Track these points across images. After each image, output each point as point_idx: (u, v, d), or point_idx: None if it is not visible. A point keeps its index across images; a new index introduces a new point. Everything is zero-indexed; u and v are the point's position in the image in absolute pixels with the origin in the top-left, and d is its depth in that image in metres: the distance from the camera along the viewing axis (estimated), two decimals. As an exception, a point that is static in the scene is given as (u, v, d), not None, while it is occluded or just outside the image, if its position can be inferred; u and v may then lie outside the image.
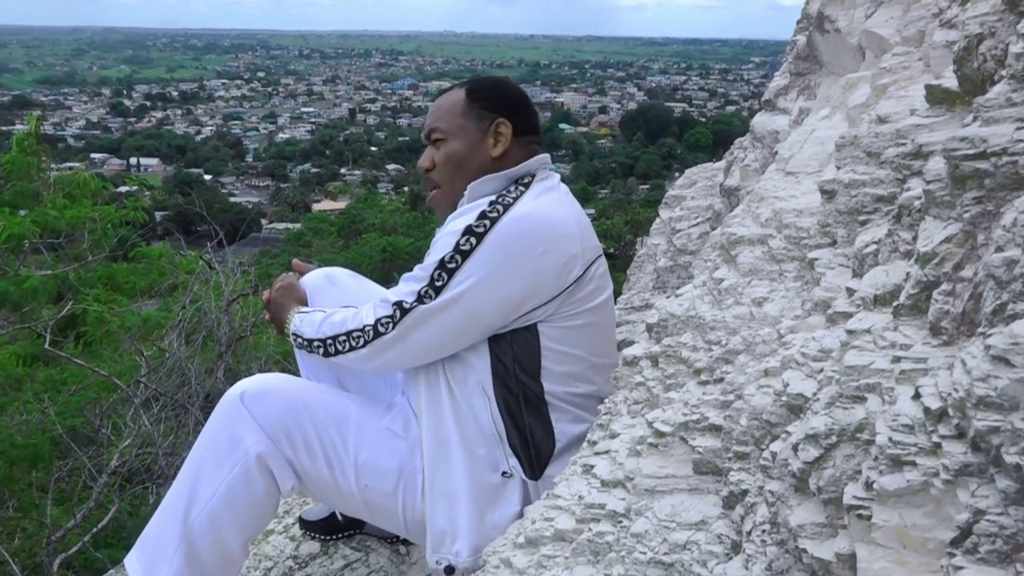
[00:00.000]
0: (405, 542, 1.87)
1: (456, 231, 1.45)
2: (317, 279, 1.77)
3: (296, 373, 1.80)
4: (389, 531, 1.75)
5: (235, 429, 1.52)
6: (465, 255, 1.43)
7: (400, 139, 63.93)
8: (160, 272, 8.60)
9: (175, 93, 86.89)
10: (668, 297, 2.00)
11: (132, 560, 1.55)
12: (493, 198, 1.49)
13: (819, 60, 1.65)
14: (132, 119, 72.73)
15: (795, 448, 0.84)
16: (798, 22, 1.97)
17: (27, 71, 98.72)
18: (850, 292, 0.97)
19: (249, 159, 62.35)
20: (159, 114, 76.06)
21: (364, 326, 1.50)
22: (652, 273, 2.15)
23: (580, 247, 1.49)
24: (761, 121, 1.75)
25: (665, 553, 1.04)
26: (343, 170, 56.14)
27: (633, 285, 2.21)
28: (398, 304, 1.47)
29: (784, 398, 0.94)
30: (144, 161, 54.49)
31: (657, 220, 2.27)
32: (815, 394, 0.88)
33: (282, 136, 67.94)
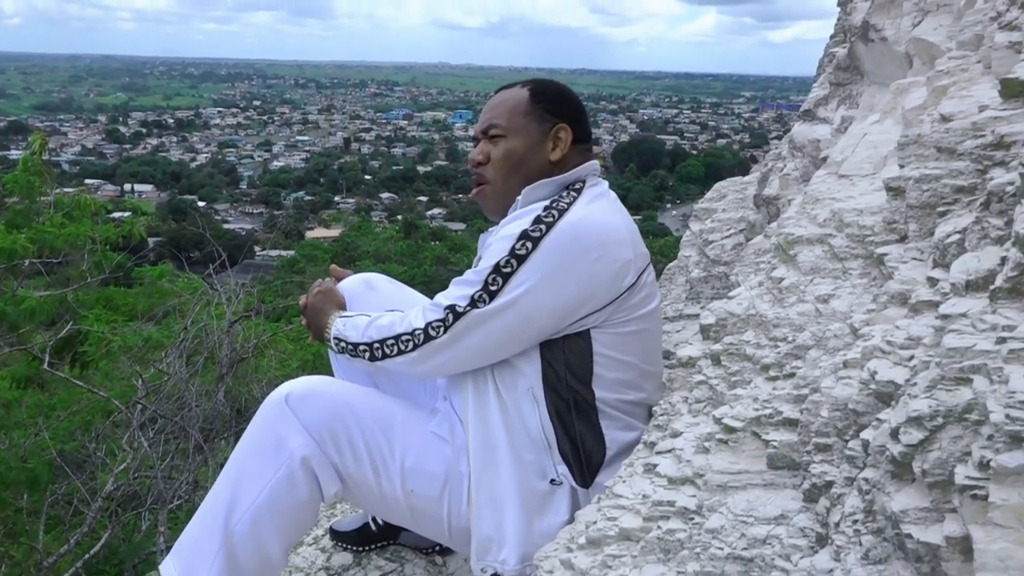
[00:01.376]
0: (442, 552, 1.83)
1: (511, 235, 1.44)
2: (355, 284, 1.76)
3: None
4: (431, 538, 1.72)
5: (280, 431, 1.49)
6: (521, 260, 1.42)
7: (394, 168, 64.24)
8: (160, 294, 8.55)
9: (171, 120, 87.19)
10: (710, 302, 1.99)
11: (168, 567, 1.51)
12: (547, 203, 1.48)
13: (860, 70, 1.66)
14: (127, 146, 72.87)
15: (895, 433, 0.83)
16: (832, 36, 2.00)
17: (24, 97, 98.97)
18: (932, 282, 0.97)
19: (243, 186, 62.46)
20: (154, 141, 76.22)
21: (414, 330, 1.49)
22: (684, 284, 2.15)
23: (632, 253, 1.49)
24: (801, 131, 1.76)
25: (744, 548, 1.02)
26: (337, 198, 56.27)
27: (664, 296, 2.21)
28: (451, 308, 1.45)
29: (872, 387, 0.93)
30: (138, 187, 54.49)
31: (687, 233, 2.27)
32: (909, 380, 0.88)
33: (277, 164, 68.13)
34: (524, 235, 1.43)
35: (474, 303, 1.44)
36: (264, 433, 1.51)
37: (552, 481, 1.49)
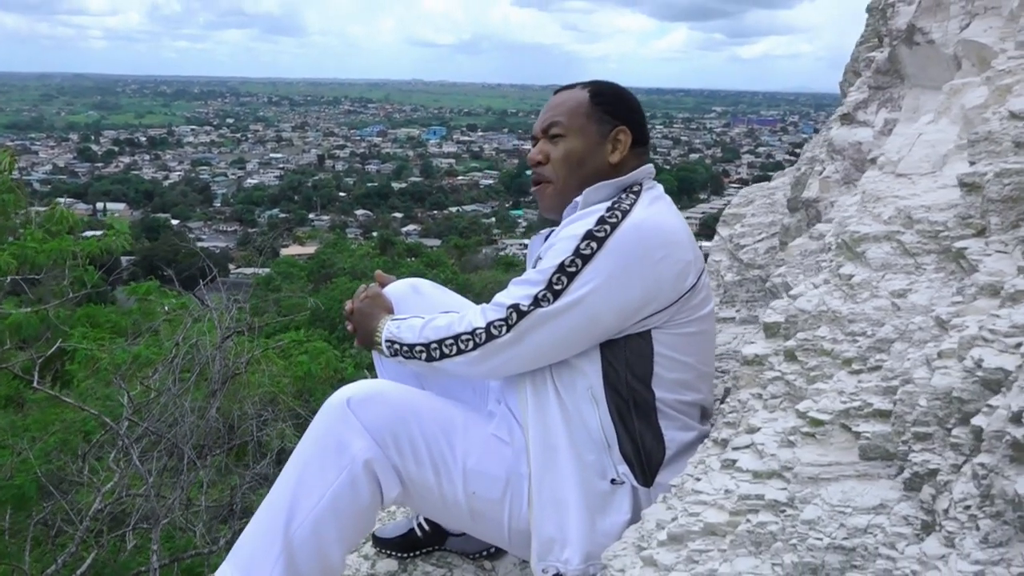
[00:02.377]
0: (490, 557, 1.82)
1: (576, 235, 1.44)
2: (402, 289, 1.76)
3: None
4: (488, 541, 1.71)
5: (342, 435, 1.48)
6: (586, 259, 1.43)
7: (369, 185, 64.06)
8: (146, 313, 8.41)
9: (143, 138, 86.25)
10: (746, 304, 2.01)
11: (225, 574, 1.49)
12: (609, 204, 1.49)
13: (901, 74, 1.70)
14: (99, 164, 71.91)
15: (1017, 417, 0.84)
16: (860, 43, 2.04)
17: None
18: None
19: (217, 204, 61.92)
20: (127, 159, 75.34)
21: (474, 329, 1.49)
22: (718, 288, 2.17)
23: (692, 255, 1.50)
24: (841, 134, 1.79)
25: (844, 538, 1.03)
26: (311, 215, 55.98)
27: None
28: (514, 307, 1.46)
29: (979, 374, 0.94)
30: (111, 206, 53.67)
31: (716, 238, 2.29)
32: (1021, 366, 0.89)
33: (251, 182, 67.66)
34: (589, 235, 1.44)
35: (538, 302, 1.44)
36: (325, 436, 1.50)
37: (612, 481, 1.49)
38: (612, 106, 1.61)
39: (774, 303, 1.44)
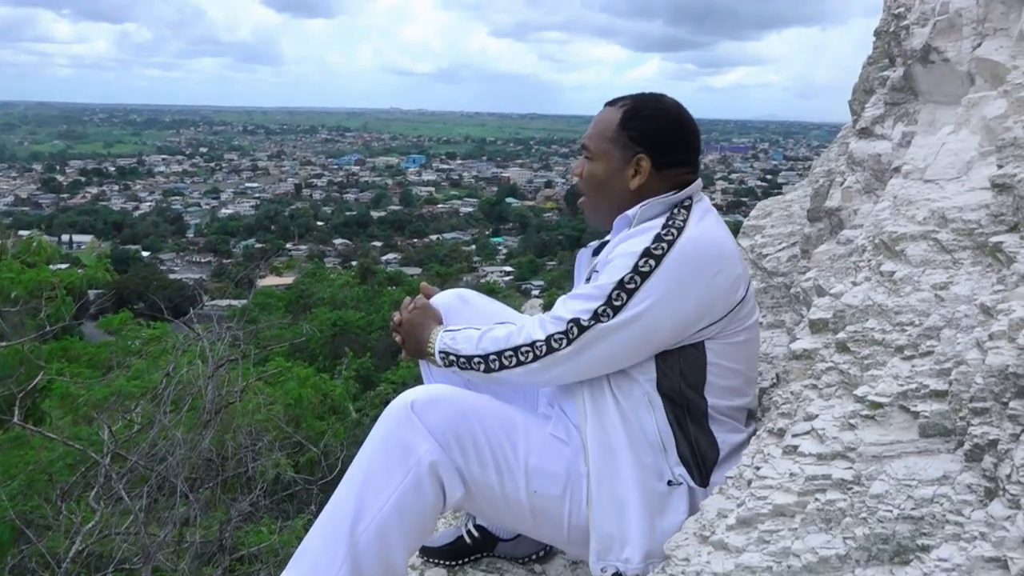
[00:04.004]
0: (539, 560, 1.88)
1: (634, 252, 1.52)
2: (450, 299, 1.82)
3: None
4: (546, 541, 1.76)
5: (406, 437, 1.53)
6: (644, 276, 1.50)
7: (347, 214, 63.92)
8: (121, 348, 8.32)
9: (112, 168, 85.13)
10: (771, 310, 2.11)
11: None
12: (664, 220, 1.57)
13: (915, 91, 1.82)
14: (65, 195, 70.89)
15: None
16: (868, 64, 2.16)
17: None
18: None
19: (191, 235, 61.33)
20: (94, 190, 74.29)
21: (534, 341, 1.55)
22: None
23: (741, 268, 1.60)
24: (860, 147, 1.91)
25: (912, 508, 1.12)
26: (289, 245, 55.67)
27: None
28: (574, 321, 1.52)
29: (1033, 350, 1.04)
30: (77, 238, 52.87)
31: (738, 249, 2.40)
32: (1074, 341, 0.99)
33: (225, 211, 67.17)
34: (647, 252, 1.51)
35: (598, 317, 1.51)
36: (389, 440, 1.55)
37: (669, 482, 1.56)
38: (639, 132, 1.65)
39: (818, 301, 1.54)
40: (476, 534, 1.87)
